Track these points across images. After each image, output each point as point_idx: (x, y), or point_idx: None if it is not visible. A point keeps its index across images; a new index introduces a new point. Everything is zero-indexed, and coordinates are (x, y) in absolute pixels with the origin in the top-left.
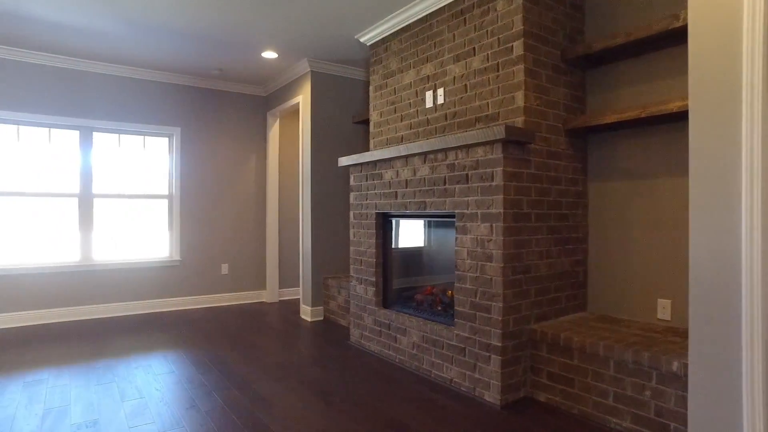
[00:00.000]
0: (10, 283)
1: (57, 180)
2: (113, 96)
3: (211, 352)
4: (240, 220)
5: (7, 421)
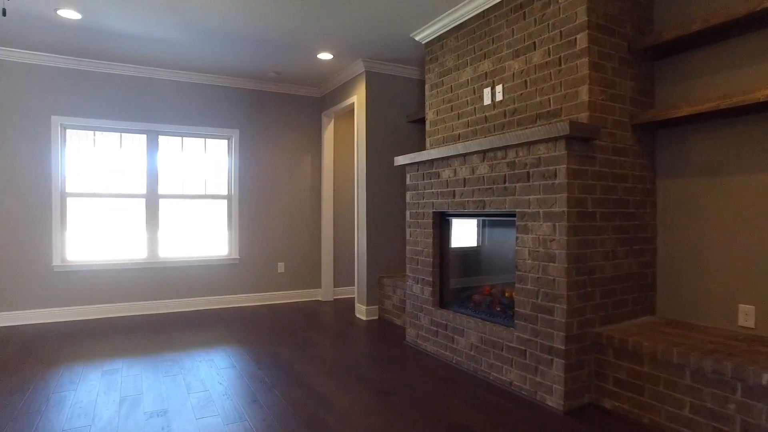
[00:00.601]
0: (85, 278)
1: (127, 182)
2: (177, 101)
3: (270, 349)
4: (296, 219)
5: (90, 405)
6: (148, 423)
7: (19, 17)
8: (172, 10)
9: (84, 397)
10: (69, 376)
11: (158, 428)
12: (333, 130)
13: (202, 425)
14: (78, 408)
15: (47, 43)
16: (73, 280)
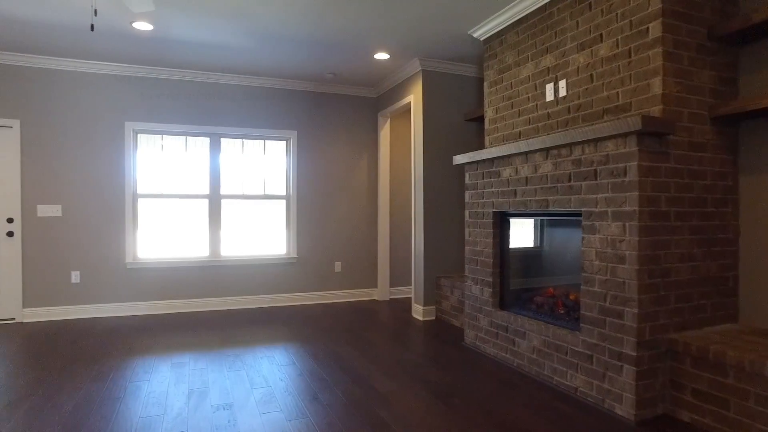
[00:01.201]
0: (154, 275)
1: (191, 183)
2: (238, 104)
3: (328, 347)
4: (352, 219)
5: (162, 395)
6: (215, 415)
7: (99, 31)
8: (238, 17)
9: (156, 387)
10: (143, 367)
11: (224, 421)
12: (389, 130)
13: (265, 420)
14: (152, 397)
15: (122, 54)
16: (143, 277)
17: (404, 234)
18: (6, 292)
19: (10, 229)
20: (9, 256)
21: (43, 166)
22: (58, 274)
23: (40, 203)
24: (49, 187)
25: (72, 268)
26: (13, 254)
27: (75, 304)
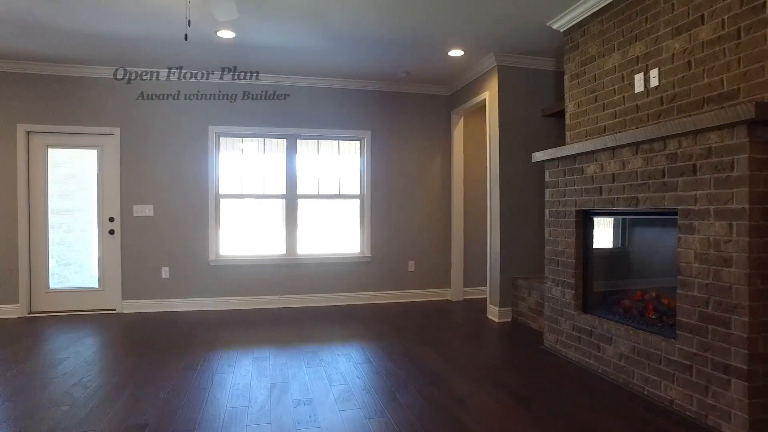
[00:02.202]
0: (235, 271)
1: (268, 183)
2: (313, 105)
3: (404, 346)
4: (426, 218)
5: (246, 388)
6: (296, 410)
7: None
8: (315, 20)
9: (240, 380)
10: (227, 360)
11: (305, 416)
12: (462, 128)
13: (345, 417)
14: (236, 389)
15: (206, 61)
16: (225, 274)
17: (479, 233)
18: (109, 285)
19: (111, 228)
20: (111, 252)
21: (138, 169)
22: (150, 269)
23: (135, 203)
24: (143, 188)
25: (162, 264)
26: (114, 251)
27: (165, 298)
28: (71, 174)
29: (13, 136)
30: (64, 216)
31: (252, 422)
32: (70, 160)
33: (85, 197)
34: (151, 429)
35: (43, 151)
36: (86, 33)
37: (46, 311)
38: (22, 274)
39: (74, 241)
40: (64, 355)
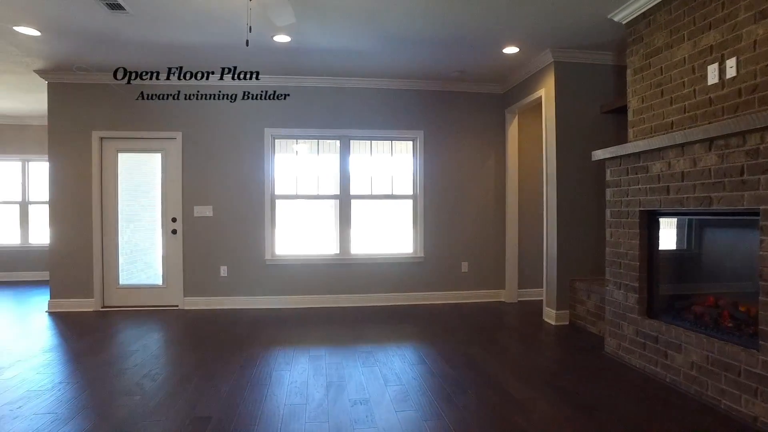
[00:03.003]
0: (289, 270)
1: (322, 184)
2: (366, 107)
3: (458, 348)
4: (479, 218)
5: (303, 385)
6: (353, 409)
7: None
8: (368, 21)
9: (297, 377)
10: (284, 358)
11: (362, 416)
12: (517, 126)
13: (402, 418)
14: (294, 387)
15: (262, 66)
16: (280, 273)
17: (534, 234)
18: (172, 283)
19: (174, 228)
20: (174, 251)
21: (198, 171)
22: (210, 268)
23: (196, 204)
24: (203, 189)
25: (221, 263)
26: (176, 249)
27: (223, 296)
28: (138, 177)
29: (89, 142)
30: (131, 216)
31: (310, 419)
32: (137, 164)
33: (149, 198)
34: (215, 422)
35: (113, 155)
36: (153, 43)
37: (117, 306)
38: (96, 270)
39: (140, 241)
40: (134, 347)
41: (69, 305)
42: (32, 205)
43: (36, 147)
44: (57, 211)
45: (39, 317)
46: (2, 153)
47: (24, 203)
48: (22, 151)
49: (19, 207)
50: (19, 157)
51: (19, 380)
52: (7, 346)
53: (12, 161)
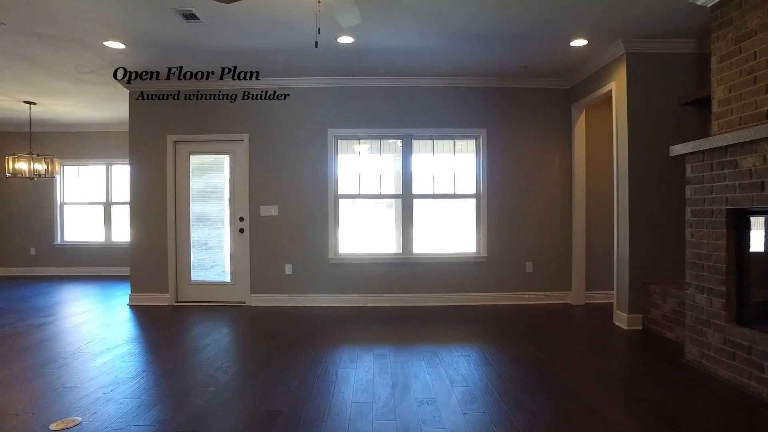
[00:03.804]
0: (352, 269)
1: (384, 183)
2: (428, 105)
3: (525, 351)
4: (545, 217)
5: (369, 384)
6: (420, 409)
7: (310, 50)
8: (432, 20)
9: (363, 375)
10: (349, 355)
11: (429, 416)
12: (584, 122)
13: (469, 420)
14: (360, 385)
15: (326, 67)
16: (343, 271)
17: (602, 233)
18: (239, 280)
19: (241, 227)
20: (241, 249)
21: (264, 172)
22: (275, 266)
23: (262, 204)
24: (269, 189)
25: (286, 261)
26: (243, 248)
27: (288, 293)
28: (207, 177)
29: (164, 146)
30: (201, 216)
31: (377, 418)
32: (207, 165)
33: (217, 198)
34: (285, 416)
35: (186, 158)
36: (223, 49)
37: (189, 301)
38: (171, 267)
39: (209, 239)
40: (206, 341)
41: (147, 299)
42: (114, 205)
43: (118, 152)
44: (136, 211)
45: (122, 310)
46: (89, 158)
47: (107, 204)
48: (106, 155)
49: (103, 207)
50: (104, 162)
51: (109, 367)
52: (98, 335)
53: (97, 165)
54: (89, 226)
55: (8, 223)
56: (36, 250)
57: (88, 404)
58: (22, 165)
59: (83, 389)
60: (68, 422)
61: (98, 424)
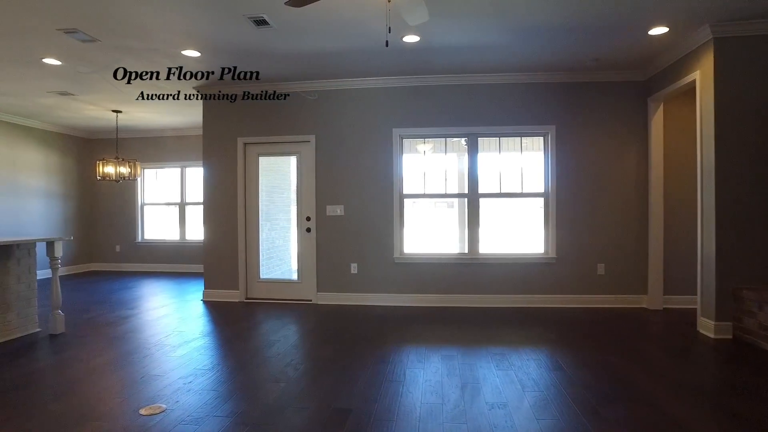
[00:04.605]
0: (416, 269)
1: (449, 182)
2: (494, 102)
3: (599, 356)
4: (618, 217)
5: (437, 385)
6: (492, 413)
7: (376, 50)
8: (498, 15)
9: (431, 377)
10: (415, 356)
11: (502, 420)
12: (662, 116)
13: (544, 426)
14: (428, 386)
15: (391, 67)
16: (408, 271)
17: (683, 234)
18: (306, 278)
19: (308, 226)
20: (308, 248)
21: (330, 172)
22: (341, 265)
23: (328, 204)
24: (334, 189)
25: (351, 260)
26: (310, 247)
27: (353, 292)
28: (274, 178)
29: (235, 148)
30: (268, 215)
31: (448, 420)
32: (275, 166)
33: (283, 199)
34: (355, 414)
35: (255, 159)
36: (292, 53)
37: (258, 298)
38: (241, 265)
39: (276, 238)
40: (275, 338)
41: (219, 295)
42: (188, 206)
43: (191, 154)
44: (209, 212)
45: (196, 305)
46: (166, 161)
47: (182, 204)
48: (180, 158)
49: (178, 207)
50: (179, 164)
51: (188, 359)
52: (176, 329)
53: (173, 168)
54: (165, 225)
55: (98, 222)
56: (120, 247)
57: (170, 393)
58: (110, 169)
59: (166, 378)
60: (155, 408)
61: (181, 412)
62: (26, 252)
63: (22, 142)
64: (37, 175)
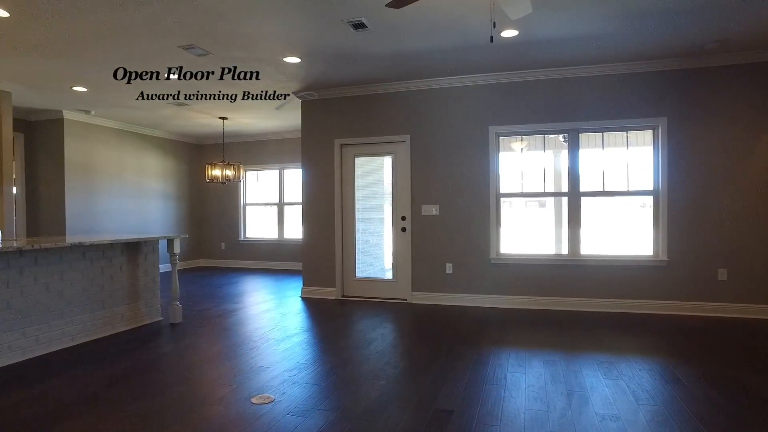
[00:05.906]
0: (513, 270)
1: (548, 180)
2: (596, 96)
3: (724, 370)
4: (743, 216)
5: (541, 391)
6: (603, 425)
7: (472, 47)
8: (604, 1)
9: (534, 382)
10: (516, 359)
11: None
12: None
13: None
14: (532, 392)
15: (486, 63)
16: (505, 272)
17: None
18: (401, 277)
19: (403, 226)
20: (403, 248)
21: (425, 171)
22: (436, 264)
23: (423, 203)
24: (430, 189)
25: (446, 260)
26: (405, 246)
27: (448, 292)
28: (369, 178)
29: (332, 150)
30: (363, 215)
31: (555, 428)
32: (370, 167)
33: (378, 198)
34: (457, 416)
35: (351, 160)
36: (387, 54)
37: (353, 296)
38: (338, 263)
39: (371, 237)
40: (373, 336)
41: (317, 293)
42: (286, 206)
43: (289, 156)
44: (308, 212)
45: (295, 301)
46: (266, 163)
47: (280, 204)
48: (279, 160)
49: (277, 208)
50: (277, 166)
51: (291, 353)
52: (278, 323)
53: (272, 170)
54: (265, 224)
55: (206, 222)
56: (225, 244)
57: (277, 384)
58: (217, 172)
59: (272, 370)
60: (264, 398)
61: (288, 404)
62: (151, 248)
63: (146, 150)
64: (156, 179)
